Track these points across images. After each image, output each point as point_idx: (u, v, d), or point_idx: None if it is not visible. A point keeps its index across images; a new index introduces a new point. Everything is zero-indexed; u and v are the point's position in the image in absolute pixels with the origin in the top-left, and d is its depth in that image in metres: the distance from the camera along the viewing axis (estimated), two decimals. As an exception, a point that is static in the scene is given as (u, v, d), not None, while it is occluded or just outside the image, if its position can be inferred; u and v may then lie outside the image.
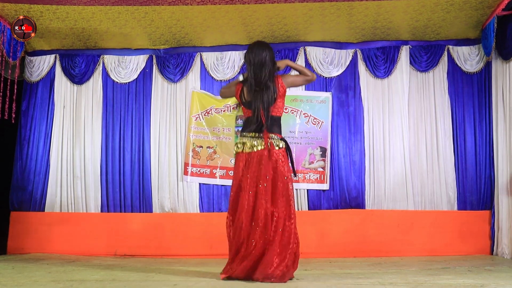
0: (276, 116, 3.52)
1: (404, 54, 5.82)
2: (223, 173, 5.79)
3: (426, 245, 5.41)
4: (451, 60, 5.77)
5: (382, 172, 5.67)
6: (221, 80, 5.92)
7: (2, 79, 5.31)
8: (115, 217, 5.76)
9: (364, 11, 5.19)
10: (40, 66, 6.04)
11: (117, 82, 6.03)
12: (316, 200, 5.70)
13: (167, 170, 5.83)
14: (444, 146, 5.66)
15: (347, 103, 5.85)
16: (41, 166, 5.90)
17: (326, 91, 5.87)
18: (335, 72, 5.87)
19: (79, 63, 6.03)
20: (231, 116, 5.88)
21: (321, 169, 5.73)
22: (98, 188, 5.86)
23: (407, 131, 5.71)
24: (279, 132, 3.54)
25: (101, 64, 6.06)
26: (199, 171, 5.78)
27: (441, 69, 5.78)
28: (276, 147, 3.45)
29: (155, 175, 5.85)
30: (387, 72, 5.81)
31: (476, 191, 5.56)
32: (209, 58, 5.97)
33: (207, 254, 5.33)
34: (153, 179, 5.84)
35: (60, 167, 5.90)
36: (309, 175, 5.72)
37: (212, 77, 5.95)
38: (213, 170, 5.81)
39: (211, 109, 5.88)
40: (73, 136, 5.96)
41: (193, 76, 6.01)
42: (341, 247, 5.44)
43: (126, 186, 5.85)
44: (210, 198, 5.81)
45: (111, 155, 5.93)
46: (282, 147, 3.49)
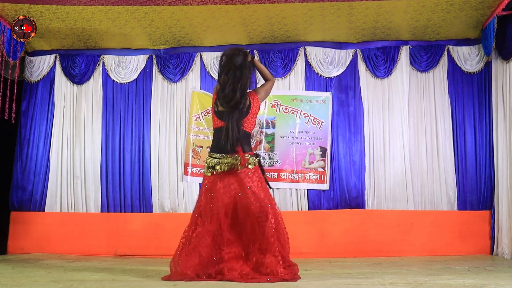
0: (246, 132, 3.43)
1: (404, 54, 5.82)
2: (223, 173, 5.78)
3: (426, 245, 5.41)
4: (451, 60, 5.77)
5: (382, 172, 5.67)
6: (221, 80, 5.92)
7: (2, 79, 5.31)
8: (115, 217, 5.76)
9: (364, 11, 5.20)
10: (40, 66, 6.04)
11: (117, 82, 6.04)
12: (316, 200, 5.70)
13: (167, 170, 5.83)
14: (444, 146, 5.66)
15: (347, 103, 5.85)
16: (41, 166, 5.90)
17: (326, 91, 5.87)
18: (335, 72, 5.87)
19: (79, 63, 6.03)
20: (231, 116, 5.87)
21: (321, 169, 5.73)
22: (98, 188, 5.86)
23: (407, 131, 5.71)
24: (250, 149, 3.45)
25: (101, 64, 6.06)
26: (199, 171, 5.78)
27: (441, 69, 5.78)
28: (250, 165, 3.35)
29: (155, 175, 5.85)
30: (387, 72, 5.81)
31: (476, 191, 5.56)
32: (209, 58, 5.97)
33: (207, 254, 5.33)
34: (153, 179, 5.84)
35: (60, 167, 5.90)
36: (309, 175, 5.72)
37: (212, 77, 5.95)
38: (213, 170, 5.80)
39: (211, 109, 5.87)
40: (73, 136, 5.96)
41: (193, 76, 6.01)
42: (341, 247, 5.44)
43: (126, 186, 5.85)
44: (210, 198, 5.80)
45: (111, 155, 5.93)
46: (254, 165, 3.38)
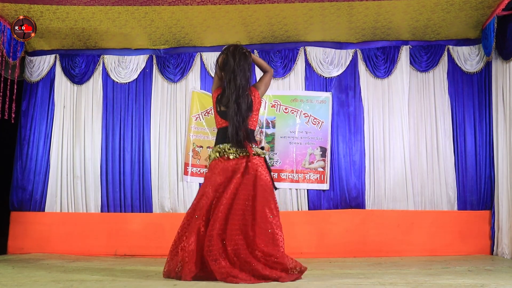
0: (250, 129, 3.42)
1: (404, 54, 5.82)
2: (223, 173, 5.78)
3: (426, 245, 5.41)
4: (451, 60, 5.77)
5: (382, 172, 5.67)
6: (221, 80, 5.92)
7: (2, 79, 5.31)
8: (115, 217, 5.75)
9: (364, 11, 5.20)
10: (40, 66, 6.04)
11: (117, 82, 6.04)
12: (316, 200, 5.70)
13: (167, 170, 5.83)
14: (444, 146, 5.66)
15: (347, 103, 5.85)
16: (41, 166, 5.90)
17: (326, 91, 5.87)
18: (335, 72, 5.87)
19: (79, 63, 6.03)
20: (231, 116, 5.87)
21: (321, 169, 5.73)
22: (98, 188, 5.86)
23: (407, 131, 5.71)
24: (255, 142, 3.48)
25: (101, 64, 6.06)
26: (199, 171, 5.77)
27: (441, 69, 5.78)
28: (256, 153, 3.36)
29: (155, 175, 5.85)
30: (387, 72, 5.81)
31: (476, 191, 5.56)
32: (209, 58, 5.97)
33: (207, 254, 5.33)
34: (153, 179, 5.84)
35: (60, 167, 5.90)
36: (309, 175, 5.72)
37: (212, 77, 5.94)
38: (213, 170, 5.80)
39: (211, 109, 5.87)
40: (73, 136, 5.96)
41: (193, 76, 6.01)
42: (341, 247, 5.44)
43: (126, 186, 5.85)
44: (210, 198, 5.81)
45: (111, 155, 5.93)
46: (262, 155, 3.40)
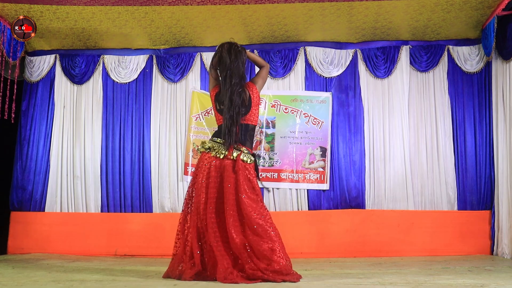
0: (251, 125, 3.38)
1: (404, 54, 5.82)
2: (223, 173, 5.78)
3: (426, 245, 5.41)
4: (451, 60, 5.77)
5: (382, 172, 5.67)
6: (221, 80, 5.92)
7: (2, 79, 5.31)
8: (115, 217, 5.75)
9: (364, 11, 5.20)
10: (40, 66, 6.04)
11: (117, 82, 6.03)
12: (316, 200, 5.70)
13: (167, 170, 5.83)
14: (444, 146, 5.66)
15: (347, 103, 5.85)
16: (41, 166, 5.90)
17: (326, 91, 5.87)
18: (335, 72, 5.87)
19: (79, 63, 6.03)
20: (231, 116, 5.87)
21: (321, 169, 5.73)
22: (98, 188, 5.86)
23: (407, 131, 5.71)
24: (251, 146, 3.41)
25: (101, 64, 6.06)
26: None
27: (441, 69, 5.78)
28: (243, 160, 3.30)
29: (155, 175, 5.85)
30: (387, 72, 5.81)
31: (476, 191, 5.56)
32: (209, 58, 5.91)
33: (207, 254, 5.33)
34: (153, 179, 5.84)
35: (60, 167, 5.90)
36: (309, 175, 5.72)
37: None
38: (213, 170, 5.79)
39: (211, 109, 5.86)
40: (73, 136, 5.96)
41: (193, 76, 6.01)
42: (341, 247, 5.44)
43: (126, 186, 5.85)
44: (210, 198, 5.80)
45: (111, 155, 5.92)
46: (251, 162, 3.34)
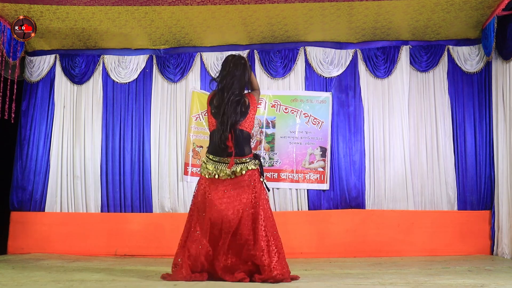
0: (245, 131, 3.35)
1: (404, 54, 5.82)
2: (223, 173, 5.78)
3: (426, 245, 5.41)
4: (451, 60, 5.77)
5: (382, 172, 5.67)
6: (221, 80, 5.92)
7: (2, 79, 5.31)
8: (115, 217, 5.75)
9: (364, 11, 5.20)
10: (40, 66, 6.04)
11: (117, 82, 6.03)
12: (316, 200, 5.70)
13: (167, 170, 5.83)
14: (444, 146, 5.66)
15: (347, 103, 5.85)
16: (41, 166, 5.90)
17: (326, 91, 5.87)
18: (335, 72, 5.87)
19: (79, 63, 6.03)
20: (231, 116, 5.87)
21: (321, 169, 5.73)
22: (98, 188, 5.86)
23: (407, 131, 5.71)
24: (250, 151, 3.38)
25: (101, 64, 6.06)
26: (199, 171, 5.75)
27: (441, 69, 5.78)
28: (248, 169, 3.31)
29: (155, 175, 5.85)
30: (387, 72, 5.81)
31: (476, 191, 5.56)
32: (209, 58, 5.97)
33: (207, 254, 5.33)
34: (153, 179, 5.84)
35: (60, 167, 5.90)
36: (309, 175, 5.72)
37: (212, 77, 5.93)
38: (213, 170, 5.80)
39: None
40: (73, 136, 5.96)
41: (193, 76, 6.01)
42: (341, 247, 5.44)
43: (126, 186, 5.85)
44: (210, 198, 5.80)
45: (111, 155, 5.92)
46: (254, 167, 3.33)
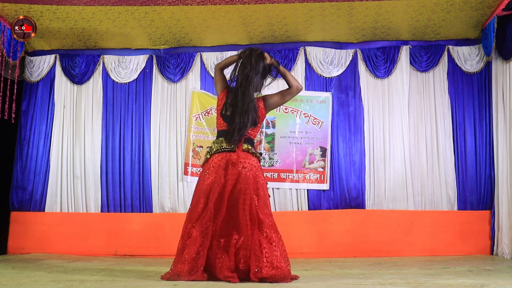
0: (251, 138, 3.38)
1: (404, 54, 5.82)
2: (223, 173, 5.78)
3: (426, 245, 5.41)
4: (451, 60, 5.77)
5: (382, 172, 5.67)
6: (221, 80, 5.92)
7: (2, 79, 5.31)
8: (115, 217, 5.76)
9: (364, 11, 5.20)
10: (40, 66, 6.04)
11: (117, 82, 6.04)
12: (316, 200, 5.70)
13: (167, 170, 5.83)
14: (444, 146, 5.66)
15: (347, 103, 5.85)
16: (41, 166, 5.90)
17: (326, 91, 5.87)
18: (335, 72, 5.87)
19: (79, 63, 6.03)
20: (231, 116, 5.88)
21: (321, 169, 5.73)
22: (98, 188, 5.86)
23: (407, 131, 5.71)
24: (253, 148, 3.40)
25: (101, 64, 6.06)
26: (199, 171, 5.75)
27: (441, 69, 5.78)
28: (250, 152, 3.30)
29: (155, 175, 5.85)
30: (387, 72, 5.81)
31: (476, 191, 5.56)
32: (209, 58, 5.97)
33: (207, 254, 5.33)
34: (153, 179, 5.84)
35: (60, 167, 5.90)
36: (309, 175, 5.72)
37: (212, 77, 5.94)
38: (213, 170, 5.80)
39: (211, 109, 5.88)
40: (73, 136, 5.96)
41: (193, 76, 6.01)
42: (341, 247, 5.44)
43: (126, 186, 5.85)
44: (210, 198, 5.80)
45: (111, 155, 5.93)
46: (256, 159, 3.33)
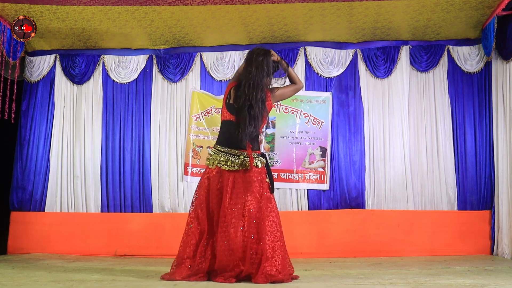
0: (258, 132, 3.37)
1: (404, 54, 5.82)
2: (223, 173, 5.78)
3: (426, 245, 5.41)
4: (451, 60, 5.77)
5: (382, 172, 5.67)
6: (221, 80, 5.92)
7: (2, 79, 5.31)
8: (115, 217, 5.76)
9: (364, 11, 5.20)
10: (40, 66, 6.04)
11: (117, 82, 6.03)
12: (316, 200, 5.70)
13: (167, 170, 5.83)
14: (444, 146, 5.66)
15: (347, 103, 5.85)
16: (41, 166, 5.90)
17: (326, 91, 5.87)
18: (335, 72, 5.87)
19: (79, 63, 6.03)
20: (231, 116, 5.88)
21: (321, 169, 5.73)
22: (98, 188, 5.86)
23: (407, 131, 5.71)
24: (258, 147, 3.41)
25: (101, 64, 6.06)
26: (199, 171, 5.77)
27: (441, 69, 5.78)
28: (256, 165, 3.31)
29: (155, 175, 5.85)
30: (387, 72, 5.81)
31: (476, 191, 5.56)
32: (209, 58, 5.97)
33: (207, 254, 5.33)
34: (153, 179, 5.84)
35: (60, 167, 5.90)
36: (309, 175, 5.72)
37: (212, 77, 5.95)
38: (213, 170, 5.80)
39: (211, 109, 5.88)
40: (73, 136, 5.96)
41: (193, 76, 6.01)
42: (341, 247, 5.44)
43: (126, 186, 5.85)
44: (210, 198, 5.80)
45: (111, 155, 5.93)
46: (261, 165, 3.35)
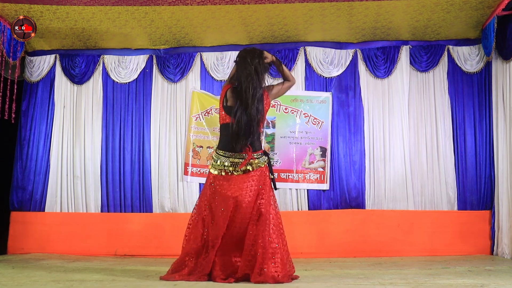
0: (258, 132, 3.37)
1: (404, 54, 5.82)
2: (223, 173, 5.78)
3: (426, 245, 5.41)
4: (451, 60, 5.77)
5: (382, 172, 5.67)
6: (221, 80, 5.92)
7: (2, 79, 5.31)
8: (115, 217, 5.76)
9: (364, 11, 5.20)
10: (40, 66, 6.04)
11: (117, 82, 6.04)
12: (316, 200, 5.70)
13: (167, 170, 5.83)
14: (444, 146, 5.66)
15: (347, 103, 5.85)
16: (41, 166, 5.90)
17: (326, 91, 5.87)
18: (335, 72, 5.87)
19: (79, 63, 6.03)
20: (231, 116, 5.88)
21: (321, 169, 5.73)
22: (98, 188, 5.86)
23: (407, 131, 5.71)
24: (260, 147, 3.40)
25: (101, 64, 6.06)
26: (199, 171, 5.78)
27: (441, 69, 5.78)
28: (259, 166, 3.32)
29: (155, 175, 5.85)
30: (387, 72, 5.81)
31: (476, 191, 5.56)
32: (209, 58, 5.97)
33: (207, 254, 5.33)
34: (153, 179, 5.84)
35: (60, 167, 5.90)
36: (309, 175, 5.72)
37: (212, 77, 5.95)
38: (213, 170, 5.80)
39: (211, 109, 5.88)
40: (73, 136, 5.96)
41: (193, 76, 6.01)
42: (341, 247, 5.44)
43: (126, 186, 5.85)
44: (210, 198, 5.80)
45: (111, 155, 5.93)
46: (263, 165, 3.35)
